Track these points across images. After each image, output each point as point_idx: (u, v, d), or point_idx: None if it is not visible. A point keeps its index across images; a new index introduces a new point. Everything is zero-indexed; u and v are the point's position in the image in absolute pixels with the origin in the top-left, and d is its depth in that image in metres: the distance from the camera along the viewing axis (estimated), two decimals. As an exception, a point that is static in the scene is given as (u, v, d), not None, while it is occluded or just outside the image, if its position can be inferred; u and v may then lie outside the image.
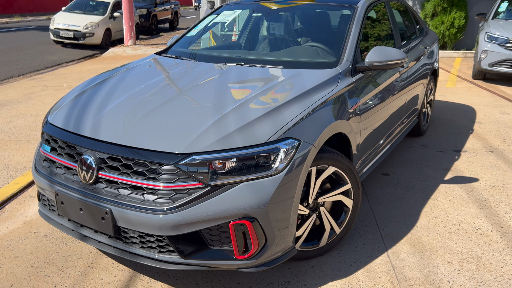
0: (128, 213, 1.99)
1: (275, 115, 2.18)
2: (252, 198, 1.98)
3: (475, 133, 4.85)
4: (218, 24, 3.98)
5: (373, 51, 2.81)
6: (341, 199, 2.52)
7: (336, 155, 2.42)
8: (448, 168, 3.91)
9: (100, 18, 13.04)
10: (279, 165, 2.04)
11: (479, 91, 6.98)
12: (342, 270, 2.47)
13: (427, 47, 4.36)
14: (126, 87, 2.67)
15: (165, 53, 3.45)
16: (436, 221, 3.00)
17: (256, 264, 2.08)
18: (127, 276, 2.42)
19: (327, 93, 2.47)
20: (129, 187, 2.04)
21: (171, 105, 2.35)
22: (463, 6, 10.93)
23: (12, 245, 2.71)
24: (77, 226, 2.26)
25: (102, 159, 2.10)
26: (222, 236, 2.04)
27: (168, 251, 2.04)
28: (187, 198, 1.96)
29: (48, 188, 2.30)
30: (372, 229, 2.90)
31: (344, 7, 3.33)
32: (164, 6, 18.47)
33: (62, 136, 2.29)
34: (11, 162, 4.04)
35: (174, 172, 1.97)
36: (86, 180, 2.12)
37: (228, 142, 2.01)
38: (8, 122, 5.35)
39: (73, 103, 2.56)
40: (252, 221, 1.99)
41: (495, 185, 3.55)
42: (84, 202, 2.11)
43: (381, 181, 3.63)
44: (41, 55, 11.35)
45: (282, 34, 3.54)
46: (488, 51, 7.24)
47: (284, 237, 2.14)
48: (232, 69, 2.87)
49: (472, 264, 2.52)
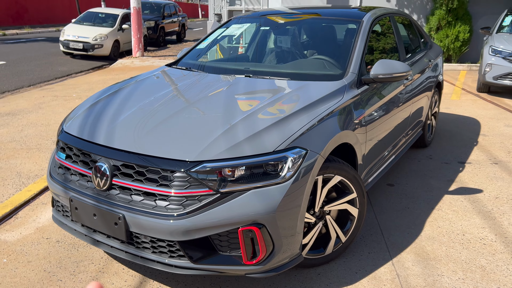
0: (141, 219, 2.06)
1: (283, 125, 2.26)
2: (261, 205, 2.04)
3: (480, 145, 4.89)
4: (226, 38, 4.07)
5: (378, 64, 2.88)
6: (347, 208, 2.58)
7: (342, 165, 2.48)
8: (452, 179, 3.96)
9: (109, 30, 13.26)
10: (287, 173, 2.11)
11: (484, 103, 7.03)
12: (347, 277, 2.51)
13: (431, 60, 4.44)
14: (139, 98, 2.76)
15: (175, 65, 3.55)
16: (441, 231, 3.04)
17: (263, 270, 2.14)
18: (137, 281, 2.48)
19: (333, 104, 2.54)
20: (142, 193, 2.11)
21: (182, 115, 2.43)
22: (468, 20, 11.04)
23: (26, 250, 2.78)
24: (90, 232, 2.33)
25: (116, 166, 2.17)
26: (231, 242, 2.10)
27: (179, 256, 2.11)
28: (197, 204, 2.03)
29: (62, 194, 2.38)
30: (377, 238, 2.94)
31: (350, 21, 3.42)
32: (172, 18, 18.76)
33: (77, 144, 2.37)
34: (23, 170, 4.13)
35: (186, 179, 2.04)
36: (100, 187, 2.19)
37: (238, 151, 2.09)
38: (20, 131, 5.46)
39: (87, 113, 2.65)
40: (261, 227, 2.05)
41: (499, 196, 3.59)
42: (98, 208, 2.18)
43: (386, 192, 3.68)
44: (51, 66, 11.54)
45: (289, 47, 3.64)
46: (493, 65, 7.31)
47: (291, 244, 2.20)
48: (241, 80, 2.96)
49: (476, 273, 2.56)
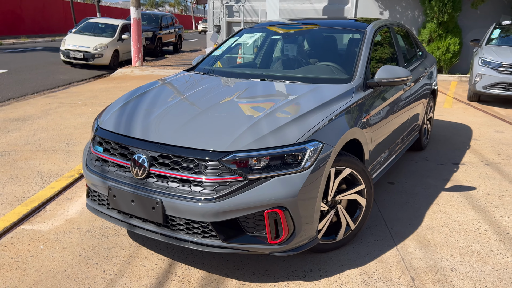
0: (177, 203, 2.31)
1: (302, 121, 2.54)
2: (284, 191, 2.31)
3: (472, 149, 5.22)
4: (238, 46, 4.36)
5: (381, 69, 3.19)
6: (356, 198, 2.85)
7: (352, 158, 2.76)
8: (448, 178, 4.26)
9: (109, 40, 13.54)
10: (306, 163, 2.38)
11: (475, 111, 7.40)
12: (357, 260, 2.77)
13: (426, 69, 4.77)
14: (166, 98, 3.02)
15: (193, 71, 3.83)
16: (439, 222, 3.32)
17: (286, 249, 2.40)
18: (166, 264, 2.71)
19: (344, 104, 2.83)
20: (178, 180, 2.37)
21: (209, 112, 2.70)
22: (458, 32, 11.52)
23: (59, 239, 3.00)
24: (126, 217, 2.57)
25: (153, 157, 2.43)
26: (257, 224, 2.36)
27: (211, 236, 2.36)
28: (228, 190, 2.29)
29: (100, 184, 2.62)
30: (382, 228, 3.22)
31: (355, 31, 3.74)
32: (169, 29, 19.12)
33: (114, 138, 2.63)
34: (43, 170, 4.35)
35: (218, 167, 2.30)
36: (139, 176, 2.44)
37: (263, 142, 2.36)
38: (32, 135, 5.67)
39: (120, 111, 2.91)
40: (284, 210, 2.31)
41: (491, 193, 3.89)
42: (136, 194, 2.43)
43: (387, 189, 3.96)
44: (52, 75, 11.76)
45: (299, 54, 3.94)
46: (482, 75, 7.70)
47: (309, 227, 2.46)
48: (258, 83, 3.24)
49: (472, 257, 2.84)
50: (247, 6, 12.94)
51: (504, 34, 8.78)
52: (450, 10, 10.91)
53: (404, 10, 12.19)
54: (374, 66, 3.54)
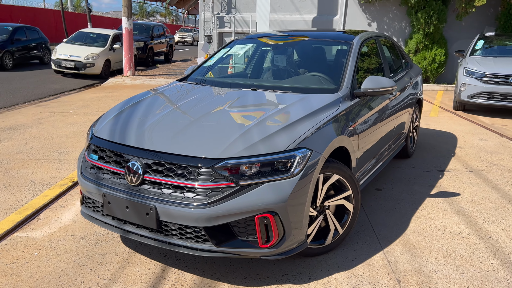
0: (171, 208, 2.39)
1: (291, 129, 2.64)
2: (274, 196, 2.40)
3: (457, 156, 5.37)
4: (229, 56, 4.47)
5: (367, 79, 3.32)
6: (344, 203, 2.95)
7: (339, 165, 2.87)
8: (433, 185, 4.39)
9: (100, 49, 13.59)
10: (295, 170, 2.48)
11: (460, 120, 7.59)
12: (345, 264, 2.87)
13: (412, 79, 4.93)
14: (160, 107, 3.12)
15: (185, 80, 3.93)
16: (424, 227, 3.44)
17: (276, 253, 2.48)
18: (160, 269, 2.78)
19: (332, 113, 2.95)
20: (172, 187, 2.45)
21: (202, 121, 2.80)
22: (444, 43, 11.80)
23: (53, 245, 3.05)
24: (120, 223, 2.64)
25: (147, 164, 2.51)
26: (248, 229, 2.44)
27: (203, 241, 2.43)
28: (220, 195, 2.38)
29: (95, 191, 2.69)
30: (369, 233, 3.32)
31: (342, 43, 3.88)
32: (160, 39, 19.23)
33: (109, 146, 2.71)
34: (36, 178, 4.39)
35: (210, 174, 2.39)
36: (133, 182, 2.52)
37: (254, 150, 2.45)
38: (24, 144, 5.70)
39: (115, 120, 2.99)
40: (274, 215, 2.40)
41: (474, 199, 4.02)
42: (131, 201, 2.50)
43: (375, 195, 4.08)
44: (43, 84, 11.76)
45: (289, 65, 4.06)
46: (467, 84, 7.91)
47: (298, 233, 2.55)
48: (249, 93, 3.35)
49: (455, 259, 2.95)
50: (238, 17, 13.13)
51: (488, 45, 9.04)
52: (435, 21, 11.19)
53: (391, 21, 12.47)
54: (361, 76, 3.67)
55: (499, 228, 3.43)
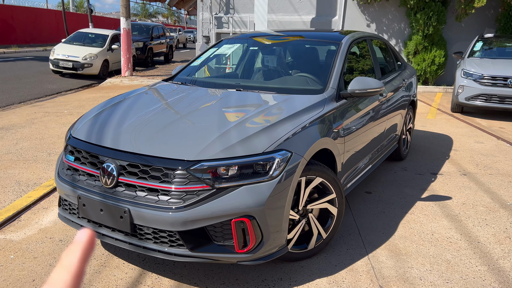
0: (145, 212, 2.33)
1: (271, 130, 2.57)
2: (251, 199, 2.33)
3: (451, 159, 5.28)
4: (216, 57, 4.41)
5: (354, 80, 3.25)
6: (327, 207, 2.87)
7: (323, 168, 2.79)
8: (425, 188, 4.31)
9: (98, 50, 13.54)
10: (274, 172, 2.41)
11: (457, 122, 7.50)
12: (328, 269, 2.79)
13: (405, 80, 4.85)
14: (140, 107, 3.05)
15: (171, 80, 3.87)
16: (412, 231, 3.36)
17: (253, 258, 2.41)
18: (137, 273, 2.71)
19: (315, 114, 2.87)
20: (146, 189, 2.38)
21: (181, 122, 2.73)
22: (443, 45, 11.70)
23: (31, 248, 2.99)
24: (95, 226, 2.57)
25: (122, 166, 2.44)
26: (225, 233, 2.37)
27: (178, 245, 2.36)
28: (195, 199, 2.31)
29: (70, 193, 2.62)
30: (355, 237, 3.24)
31: (330, 43, 3.80)
32: (160, 40, 19.18)
33: (85, 147, 2.64)
34: (21, 179, 4.33)
35: (186, 176, 2.32)
36: (107, 185, 2.45)
37: (231, 152, 2.38)
38: (15, 144, 5.65)
39: (93, 120, 2.93)
40: (251, 219, 2.33)
41: (466, 203, 3.94)
42: (105, 203, 2.44)
43: (364, 198, 4.00)
44: (40, 84, 11.73)
45: (276, 65, 3.99)
46: (465, 86, 7.82)
47: (278, 236, 2.48)
48: (233, 93, 3.28)
49: (441, 265, 2.87)
50: (236, 18, 13.07)
51: (487, 47, 8.94)
52: (435, 23, 11.10)
53: (390, 22, 12.38)
54: (350, 78, 3.59)
55: (489, 233, 3.34)
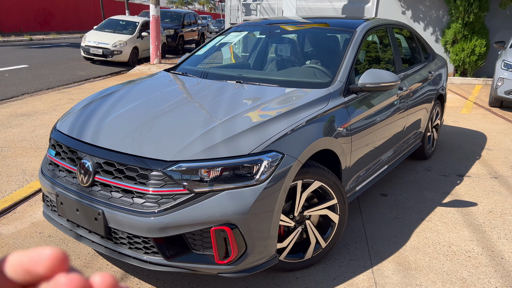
0: (118, 215, 2.14)
1: (261, 129, 2.32)
2: (233, 206, 2.09)
3: (482, 159, 4.83)
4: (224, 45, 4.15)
5: (366, 73, 2.92)
6: (327, 214, 2.60)
7: (322, 170, 2.52)
8: (448, 191, 3.92)
9: (128, 37, 13.59)
10: (261, 176, 2.16)
11: (494, 118, 6.93)
12: (324, 283, 2.53)
13: (431, 72, 4.43)
14: (129, 100, 2.86)
15: (174, 70, 3.66)
16: (427, 242, 3.03)
17: (235, 270, 2.18)
18: (118, 277, 2.55)
19: (316, 111, 2.59)
20: (121, 190, 2.20)
21: (166, 117, 2.52)
22: (484, 34, 10.90)
23: (18, 243, 2.89)
24: (74, 226, 2.42)
25: (99, 164, 2.27)
26: (204, 241, 2.15)
27: (153, 253, 2.17)
28: (172, 203, 2.10)
29: (50, 190, 2.48)
30: (361, 246, 2.95)
31: (344, 31, 3.47)
32: (191, 27, 19.10)
33: (66, 141, 2.49)
34: (28, 168, 4.29)
35: (161, 178, 2.11)
36: (84, 183, 2.29)
37: (213, 152, 2.15)
38: (32, 131, 5.66)
39: (79, 113, 2.77)
40: (233, 228, 2.10)
41: (493, 211, 3.54)
42: (80, 203, 2.27)
43: (378, 201, 3.68)
44: (70, 70, 11.89)
45: (284, 55, 3.70)
46: (505, 79, 7.21)
47: (266, 247, 2.24)
48: (230, 86, 3.03)
49: (455, 285, 2.54)
50: (265, 4, 12.71)
51: (533, 36, 8.20)
52: (476, 10, 10.33)
53: (427, 9, 11.66)
54: (363, 70, 3.26)
55: (515, 248, 2.97)
